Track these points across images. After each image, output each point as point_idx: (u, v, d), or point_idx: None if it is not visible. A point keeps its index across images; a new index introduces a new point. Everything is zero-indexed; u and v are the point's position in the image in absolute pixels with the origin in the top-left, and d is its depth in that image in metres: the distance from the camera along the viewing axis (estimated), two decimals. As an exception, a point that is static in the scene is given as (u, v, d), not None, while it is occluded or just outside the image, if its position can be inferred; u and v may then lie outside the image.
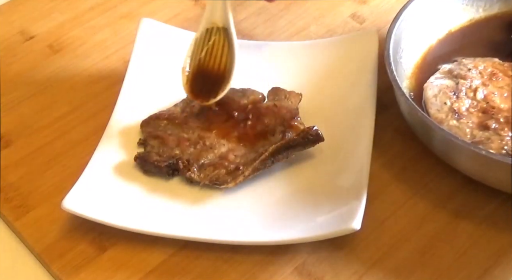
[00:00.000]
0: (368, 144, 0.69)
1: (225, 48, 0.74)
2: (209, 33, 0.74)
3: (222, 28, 0.74)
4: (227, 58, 0.73)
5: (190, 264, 0.66)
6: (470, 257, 0.65)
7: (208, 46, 0.74)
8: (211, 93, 0.73)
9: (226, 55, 0.73)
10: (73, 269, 0.65)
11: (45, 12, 0.90)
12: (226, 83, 0.73)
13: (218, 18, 0.74)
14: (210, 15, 0.74)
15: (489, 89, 0.72)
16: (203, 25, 0.74)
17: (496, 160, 0.63)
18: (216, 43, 0.74)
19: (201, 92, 0.73)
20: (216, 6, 0.74)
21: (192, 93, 0.73)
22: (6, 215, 0.70)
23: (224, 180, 0.69)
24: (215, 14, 0.74)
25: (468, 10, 0.80)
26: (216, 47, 0.74)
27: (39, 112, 0.79)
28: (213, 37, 0.74)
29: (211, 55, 0.74)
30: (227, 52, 0.73)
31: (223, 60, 0.73)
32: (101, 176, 0.70)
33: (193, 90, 0.73)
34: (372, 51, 0.77)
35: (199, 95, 0.73)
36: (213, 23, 0.74)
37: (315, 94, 0.77)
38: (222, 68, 0.73)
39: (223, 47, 0.74)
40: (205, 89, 0.73)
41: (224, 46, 0.74)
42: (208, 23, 0.74)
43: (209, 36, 0.74)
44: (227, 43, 0.73)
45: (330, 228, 0.64)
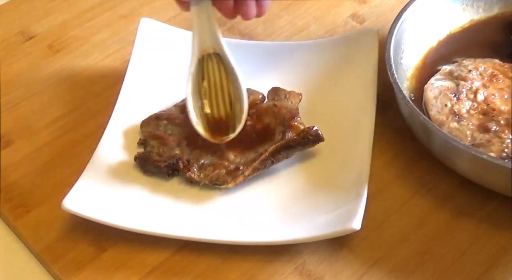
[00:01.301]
0: (368, 144, 0.69)
1: (222, 75, 0.70)
2: (203, 63, 0.70)
3: (213, 54, 0.70)
4: (230, 85, 0.70)
5: (190, 264, 0.66)
6: (470, 257, 0.65)
7: (206, 78, 0.70)
8: (228, 128, 0.70)
9: (226, 81, 0.70)
10: (73, 269, 0.65)
11: (45, 12, 0.90)
12: (241, 113, 0.70)
13: (208, 44, 0.70)
14: (199, 43, 0.70)
15: (490, 91, 0.72)
16: (195, 56, 0.70)
17: (496, 164, 0.63)
18: (213, 72, 0.70)
19: (217, 129, 0.70)
20: (203, 33, 0.69)
21: (208, 132, 0.70)
22: (6, 215, 0.70)
23: (224, 180, 0.69)
24: (204, 41, 0.70)
25: (468, 10, 0.80)
26: (215, 76, 0.70)
27: (39, 112, 0.79)
28: (209, 66, 0.70)
29: (214, 86, 0.70)
30: (225, 77, 0.70)
31: (227, 88, 0.70)
32: (101, 176, 0.70)
33: (209, 129, 0.70)
34: (372, 51, 0.77)
35: (217, 133, 0.70)
36: (203, 50, 0.70)
37: (315, 94, 0.77)
38: (230, 97, 0.70)
39: (220, 73, 0.70)
40: (220, 124, 0.70)
41: (221, 72, 0.70)
42: (200, 53, 0.70)
43: (203, 65, 0.70)
44: (224, 69, 0.70)
45: (330, 228, 0.64)
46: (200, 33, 0.70)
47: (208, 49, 0.70)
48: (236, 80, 0.70)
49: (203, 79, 0.71)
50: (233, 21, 0.85)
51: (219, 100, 0.71)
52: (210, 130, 0.70)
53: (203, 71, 0.71)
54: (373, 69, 0.75)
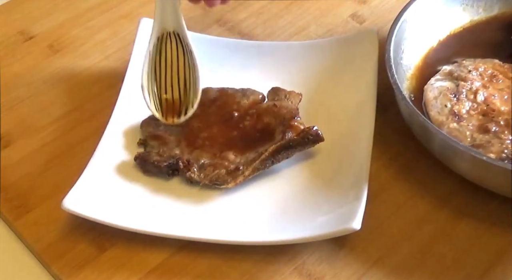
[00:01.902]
0: (368, 144, 0.69)
1: (180, 55, 0.70)
2: (161, 41, 0.70)
3: (173, 33, 0.70)
4: (186, 66, 0.70)
5: (190, 264, 0.66)
6: (470, 257, 0.65)
7: (163, 57, 0.70)
8: (181, 111, 0.70)
9: (183, 63, 0.70)
10: (73, 269, 0.65)
11: (45, 12, 0.90)
12: (195, 97, 0.70)
13: (170, 23, 0.69)
14: (159, 21, 0.69)
15: (490, 91, 0.72)
16: (154, 34, 0.70)
17: (496, 166, 0.63)
18: (170, 51, 0.70)
19: (169, 110, 0.71)
20: (166, 11, 0.69)
21: (159, 111, 0.70)
22: (6, 215, 0.70)
23: (224, 180, 0.69)
24: (166, 20, 0.69)
25: (468, 10, 0.80)
26: (172, 56, 0.70)
27: (39, 112, 0.79)
28: (167, 45, 0.70)
29: (171, 67, 0.70)
30: (182, 58, 0.70)
31: (183, 69, 0.70)
32: (101, 176, 0.70)
33: (159, 108, 0.71)
34: (372, 51, 0.77)
35: (168, 113, 0.71)
36: (163, 29, 0.70)
37: (315, 94, 0.77)
38: (184, 79, 0.70)
39: (178, 54, 0.70)
40: (172, 105, 0.70)
41: (179, 53, 0.70)
42: (159, 31, 0.70)
43: (162, 44, 0.70)
44: (182, 50, 0.70)
45: (330, 228, 0.63)
46: (163, 12, 0.69)
47: (168, 28, 0.70)
48: (193, 63, 0.70)
49: (160, 58, 0.70)
50: (233, 21, 0.85)
51: (174, 82, 0.70)
52: (163, 110, 0.70)
53: (161, 50, 0.70)
54: (373, 69, 0.75)
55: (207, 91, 0.75)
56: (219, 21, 0.86)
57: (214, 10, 0.88)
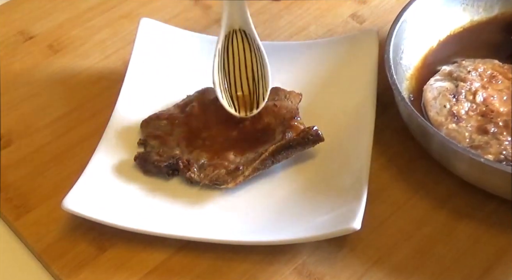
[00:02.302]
0: (368, 144, 0.69)
1: (247, 51, 0.72)
2: (228, 39, 0.72)
3: (239, 30, 0.72)
4: (254, 62, 0.72)
5: (190, 264, 0.66)
6: (470, 257, 0.65)
7: (233, 54, 0.72)
8: (252, 103, 0.72)
9: (250, 58, 0.72)
10: (73, 269, 0.65)
11: (45, 12, 0.90)
12: (265, 90, 0.71)
13: (236, 21, 0.71)
14: (227, 19, 0.71)
15: (489, 92, 0.72)
16: (223, 32, 0.72)
17: (494, 168, 0.63)
18: (239, 48, 0.72)
19: (240, 104, 0.72)
20: (233, 9, 0.71)
21: (231, 106, 0.72)
22: (6, 215, 0.70)
23: (224, 180, 0.69)
24: (232, 17, 0.71)
25: (468, 10, 0.80)
26: (240, 53, 0.72)
27: (39, 112, 0.79)
28: (234, 43, 0.72)
29: (238, 63, 0.72)
30: (250, 54, 0.72)
31: (250, 65, 0.72)
32: (101, 176, 0.70)
33: (231, 103, 0.72)
34: (372, 51, 0.77)
35: (240, 107, 0.72)
36: (230, 27, 0.72)
37: (315, 94, 0.77)
38: (253, 74, 0.72)
39: (245, 50, 0.72)
40: (244, 99, 0.72)
41: (246, 49, 0.72)
42: (227, 29, 0.72)
43: (229, 42, 0.72)
44: (249, 46, 0.72)
45: (330, 228, 0.63)
46: (230, 10, 0.71)
47: (234, 26, 0.71)
48: (261, 58, 0.71)
49: (228, 55, 0.72)
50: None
51: (242, 77, 0.72)
52: (235, 105, 0.72)
53: (228, 47, 0.72)
54: (373, 69, 0.75)
55: (207, 91, 0.75)
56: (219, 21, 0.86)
57: (214, 10, 0.88)
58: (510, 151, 0.67)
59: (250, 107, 0.72)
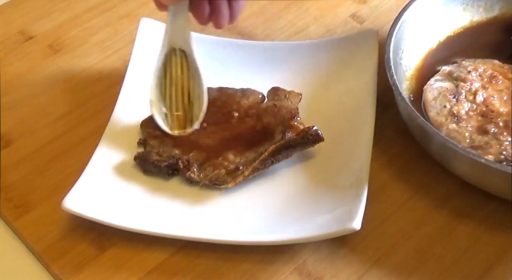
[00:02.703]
0: (368, 144, 0.69)
1: (184, 71, 0.71)
2: (168, 58, 0.71)
3: (179, 50, 0.71)
4: (191, 82, 0.71)
5: (190, 264, 0.66)
6: (470, 257, 0.65)
7: (171, 73, 0.71)
8: (186, 123, 0.71)
9: (187, 78, 0.71)
10: (73, 269, 0.65)
11: (45, 12, 0.90)
12: (199, 111, 0.71)
13: (178, 41, 0.71)
14: (169, 39, 0.70)
15: (489, 92, 0.72)
16: (163, 51, 0.71)
17: (494, 168, 0.63)
18: (176, 67, 0.71)
19: (175, 123, 0.71)
20: (175, 31, 0.70)
21: (166, 124, 0.71)
22: (6, 215, 0.70)
23: (224, 180, 0.69)
24: (174, 38, 0.70)
25: (468, 10, 0.80)
26: (177, 72, 0.71)
27: (39, 112, 0.79)
28: (172, 61, 0.71)
29: (175, 82, 0.71)
30: (187, 74, 0.71)
31: (187, 84, 0.71)
32: (101, 176, 0.70)
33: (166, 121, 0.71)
34: (372, 51, 0.77)
35: (174, 125, 0.71)
36: (170, 46, 0.71)
37: (315, 94, 0.77)
38: (189, 94, 0.71)
39: (182, 69, 0.71)
40: (179, 118, 0.72)
41: (184, 68, 0.71)
42: (166, 48, 0.71)
43: (167, 60, 0.71)
44: (187, 66, 0.71)
45: (330, 228, 0.64)
46: (172, 31, 0.70)
47: (175, 45, 0.71)
48: (198, 78, 0.71)
49: (165, 74, 0.72)
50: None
51: (178, 96, 0.71)
52: (170, 123, 0.71)
53: (167, 65, 0.71)
54: (373, 69, 0.75)
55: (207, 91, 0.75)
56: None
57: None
58: (510, 152, 0.67)
59: (184, 126, 0.71)
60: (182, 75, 0.71)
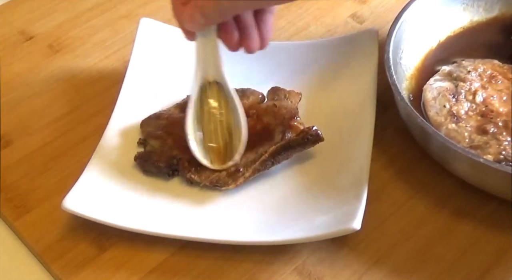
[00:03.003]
0: (368, 144, 0.69)
1: (222, 103, 0.70)
2: (203, 91, 0.70)
3: (214, 82, 0.70)
4: (229, 113, 0.70)
5: (190, 264, 0.66)
6: (470, 257, 0.65)
7: (207, 107, 0.70)
8: (225, 155, 0.70)
9: (226, 110, 0.70)
10: (73, 269, 0.65)
11: (45, 12, 0.90)
12: (239, 142, 0.70)
13: (210, 73, 0.70)
14: (201, 72, 0.70)
15: (488, 92, 0.72)
16: (197, 84, 0.70)
17: (493, 168, 0.63)
18: (212, 100, 0.71)
19: (215, 156, 0.70)
20: (207, 62, 0.69)
21: (207, 158, 0.70)
22: (6, 215, 0.70)
23: (224, 182, 0.69)
24: (207, 70, 0.70)
25: (468, 10, 0.80)
26: (214, 105, 0.71)
27: (39, 112, 0.79)
28: (209, 95, 0.70)
29: (213, 115, 0.71)
30: (225, 106, 0.70)
31: (226, 116, 0.70)
32: (101, 176, 0.70)
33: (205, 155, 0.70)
34: (372, 51, 0.77)
35: (214, 159, 0.70)
36: (205, 79, 0.70)
37: (315, 94, 0.77)
38: (228, 126, 0.70)
39: (219, 102, 0.70)
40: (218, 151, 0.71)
41: (221, 101, 0.70)
42: (201, 81, 0.70)
43: (203, 93, 0.70)
44: (224, 98, 0.70)
45: (330, 228, 0.64)
46: (203, 62, 0.69)
47: (209, 78, 0.70)
48: (235, 110, 0.70)
49: (202, 107, 0.71)
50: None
51: (217, 129, 0.71)
52: (209, 156, 0.70)
53: (203, 98, 0.71)
54: (373, 69, 0.75)
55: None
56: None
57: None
58: (509, 152, 0.67)
59: (224, 159, 0.70)
60: (219, 107, 0.71)
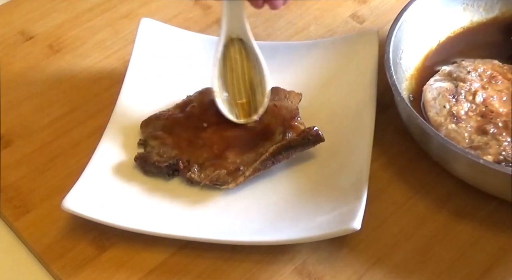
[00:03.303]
0: (368, 144, 0.69)
1: (244, 60, 0.72)
2: (227, 48, 0.72)
3: (237, 39, 0.72)
4: (251, 69, 0.72)
5: (190, 264, 0.66)
6: (470, 257, 0.65)
7: (231, 63, 0.72)
8: (250, 110, 0.72)
9: (248, 66, 0.72)
10: (73, 269, 0.65)
11: (45, 12, 0.90)
12: (263, 96, 0.72)
13: (234, 29, 0.72)
14: (226, 29, 0.71)
15: (488, 93, 0.72)
16: (221, 41, 0.72)
17: (493, 169, 0.63)
18: (235, 56, 0.72)
19: (240, 111, 0.72)
20: (232, 20, 0.71)
21: (232, 113, 0.72)
22: (6, 215, 0.70)
23: (224, 181, 0.69)
24: (231, 27, 0.72)
25: (469, 10, 0.80)
26: (237, 61, 0.73)
27: (39, 112, 0.79)
28: (231, 51, 0.72)
29: (236, 71, 0.73)
30: (247, 62, 0.72)
31: (248, 73, 0.73)
32: (101, 176, 0.70)
33: (231, 110, 0.72)
34: (372, 51, 0.77)
35: (239, 114, 0.72)
36: (228, 36, 0.72)
37: (315, 94, 0.77)
38: (251, 82, 0.72)
39: (242, 58, 0.73)
40: (243, 106, 0.73)
41: (243, 57, 0.72)
42: (224, 38, 0.72)
43: (226, 50, 0.72)
44: (246, 54, 0.72)
45: (330, 228, 0.64)
46: (229, 20, 0.71)
47: (232, 35, 0.72)
48: (258, 65, 0.72)
49: (226, 64, 0.72)
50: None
51: (241, 85, 0.72)
52: (234, 112, 0.72)
53: (226, 56, 0.72)
54: (373, 69, 0.75)
55: (207, 91, 0.75)
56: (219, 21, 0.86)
57: (214, 10, 0.88)
58: (509, 152, 0.67)
59: (249, 113, 0.72)
60: (242, 63, 0.72)
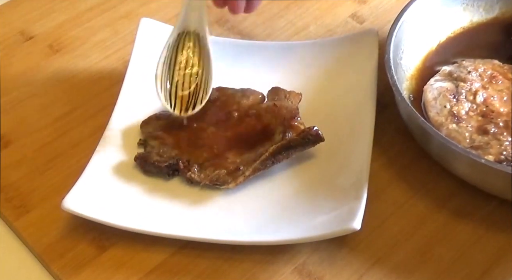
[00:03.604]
0: (368, 144, 0.69)
1: (195, 54, 0.73)
2: (181, 38, 0.73)
3: (193, 32, 0.73)
4: (200, 65, 0.72)
5: (190, 264, 0.66)
6: (470, 257, 0.65)
7: (182, 53, 0.73)
8: (189, 105, 0.72)
9: (197, 61, 0.73)
10: (73, 269, 0.65)
11: (45, 12, 0.90)
12: (205, 94, 0.72)
13: (193, 23, 0.72)
14: (183, 19, 0.72)
15: (489, 93, 0.72)
16: (176, 29, 0.73)
17: (493, 168, 0.63)
18: (188, 49, 0.73)
19: (177, 102, 0.72)
20: (191, 12, 0.72)
21: (168, 103, 0.72)
22: (6, 215, 0.70)
23: (224, 181, 0.69)
24: (190, 19, 0.72)
25: (469, 10, 0.80)
26: (188, 53, 0.73)
27: (39, 112, 0.79)
28: (187, 44, 0.73)
29: (185, 64, 0.73)
30: (197, 57, 0.72)
31: (196, 67, 0.73)
32: (101, 176, 0.70)
33: (169, 100, 0.72)
34: (372, 51, 0.77)
35: (176, 105, 0.72)
36: (185, 27, 0.73)
37: (315, 94, 0.77)
38: (196, 77, 0.73)
39: (193, 52, 0.73)
40: (182, 99, 0.72)
41: (195, 51, 0.73)
42: (181, 28, 0.73)
43: (180, 41, 0.73)
44: (198, 49, 0.73)
45: (330, 228, 0.64)
46: (188, 12, 0.72)
47: (190, 27, 0.72)
48: (207, 63, 0.72)
49: (176, 53, 0.73)
50: (233, 21, 0.85)
51: (185, 77, 0.72)
52: (172, 103, 0.72)
53: (179, 45, 0.73)
54: (373, 69, 0.75)
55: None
56: (219, 21, 0.86)
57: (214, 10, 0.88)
58: (510, 152, 0.67)
59: (186, 107, 0.72)
60: (193, 57, 0.72)
